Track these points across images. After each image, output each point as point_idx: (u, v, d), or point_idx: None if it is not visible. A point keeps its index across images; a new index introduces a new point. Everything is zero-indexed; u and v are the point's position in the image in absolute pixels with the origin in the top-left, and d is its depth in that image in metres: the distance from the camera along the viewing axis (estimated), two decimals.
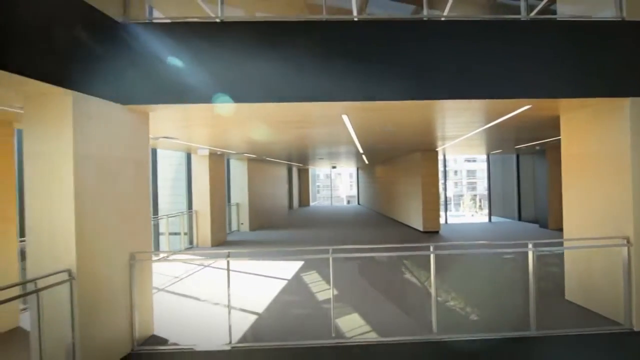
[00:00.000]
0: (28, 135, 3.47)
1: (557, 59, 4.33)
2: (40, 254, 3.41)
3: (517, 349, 4.22)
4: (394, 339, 4.19)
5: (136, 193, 4.33)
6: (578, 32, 4.40)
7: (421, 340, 4.18)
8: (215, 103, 4.14)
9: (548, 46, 4.35)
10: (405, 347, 4.14)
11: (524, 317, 4.31)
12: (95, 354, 3.61)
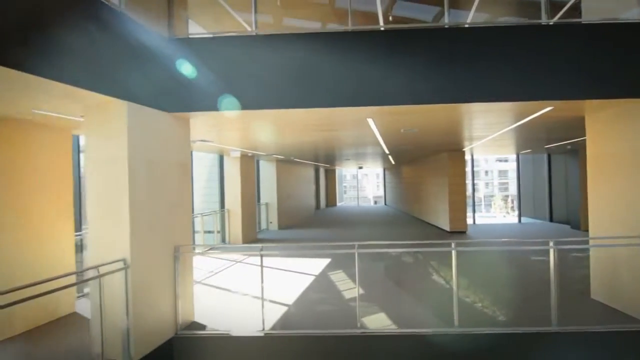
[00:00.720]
0: (89, 141, 3.96)
1: (581, 60, 4.41)
2: (99, 246, 3.89)
3: (538, 344, 4.35)
4: (417, 330, 4.41)
5: (179, 192, 4.77)
6: (603, 34, 4.46)
7: (442, 332, 4.38)
8: (248, 110, 4.53)
9: (573, 48, 4.44)
10: (427, 339, 4.35)
11: (547, 314, 4.41)
12: (145, 336, 4.05)
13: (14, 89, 3.27)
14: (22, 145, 4.76)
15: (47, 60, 2.93)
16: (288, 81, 4.54)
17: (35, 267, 4.66)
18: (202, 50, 4.66)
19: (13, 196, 4.64)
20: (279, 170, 14.62)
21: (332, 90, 4.53)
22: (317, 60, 4.55)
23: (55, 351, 4.25)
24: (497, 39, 4.52)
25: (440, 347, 4.34)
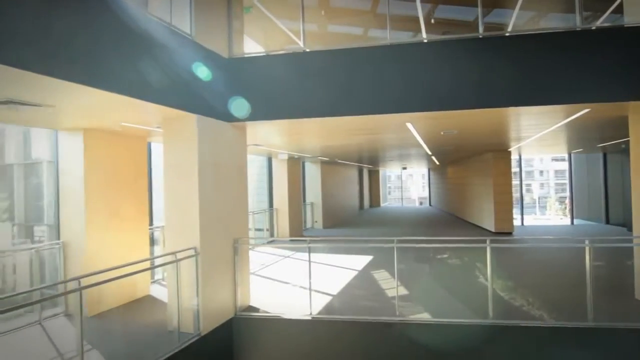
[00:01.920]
0: (166, 148, 4.72)
1: (623, 62, 4.50)
2: (175, 236, 4.64)
3: (573, 339, 4.51)
4: (453, 320, 4.74)
5: (238, 191, 5.46)
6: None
7: (477, 323, 4.67)
8: (296, 118, 5.10)
9: (614, 51, 4.54)
10: (463, 329, 4.67)
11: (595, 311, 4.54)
12: (211, 315, 4.74)
13: (118, 109, 4.08)
14: (108, 152, 5.67)
15: (143, 85, 3.67)
16: (332, 91, 5.05)
17: (120, 255, 5.54)
18: (256, 66, 5.31)
19: (103, 196, 5.55)
20: (324, 171, 15.21)
21: (373, 99, 4.97)
22: (358, 71, 5.02)
23: (139, 324, 5.06)
24: (539, 44, 4.68)
25: (474, 338, 4.64)
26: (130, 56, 3.64)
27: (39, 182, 6.18)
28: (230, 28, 5.23)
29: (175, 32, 4.33)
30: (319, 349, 4.93)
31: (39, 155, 6.31)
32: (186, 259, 4.49)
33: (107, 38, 3.35)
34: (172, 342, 4.25)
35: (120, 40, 3.50)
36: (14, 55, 2.57)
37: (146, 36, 3.85)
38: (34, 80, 2.88)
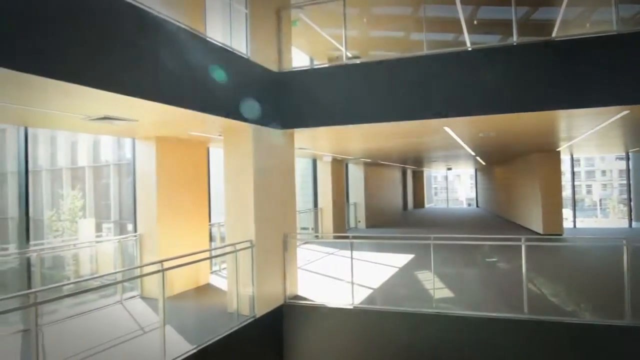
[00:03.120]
0: (226, 154, 5.42)
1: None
2: (234, 230, 5.32)
3: (609, 337, 4.62)
4: (488, 314, 5.00)
5: (287, 191, 6.06)
6: None
7: (512, 317, 4.90)
8: (339, 125, 5.60)
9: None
10: (498, 323, 4.92)
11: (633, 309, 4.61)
12: (264, 301, 5.37)
13: (189, 121, 4.82)
14: (175, 157, 6.50)
15: (210, 101, 4.37)
16: (372, 99, 5.49)
17: (186, 247, 6.34)
18: (302, 78, 5.89)
19: (171, 195, 6.39)
20: (367, 172, 15.59)
21: (410, 105, 5.34)
22: (396, 80, 5.42)
23: (203, 306, 5.81)
24: (581, 47, 4.79)
25: (509, 332, 4.88)
26: (201, 78, 4.34)
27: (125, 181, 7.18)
28: (279, 46, 5.85)
29: (233, 54, 5.00)
30: (359, 335, 5.40)
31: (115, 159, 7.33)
32: (243, 250, 5.15)
33: (183, 64, 4.06)
34: (232, 322, 4.92)
35: (192, 65, 4.21)
36: (111, 81, 3.30)
37: (212, 60, 4.54)
38: (127, 101, 3.63)
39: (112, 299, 6.04)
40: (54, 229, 10.98)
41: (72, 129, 6.12)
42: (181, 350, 4.07)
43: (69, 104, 3.77)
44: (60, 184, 12.20)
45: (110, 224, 11.70)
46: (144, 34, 3.70)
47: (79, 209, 11.83)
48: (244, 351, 4.95)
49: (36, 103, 3.71)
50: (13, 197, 10.33)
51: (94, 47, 3.17)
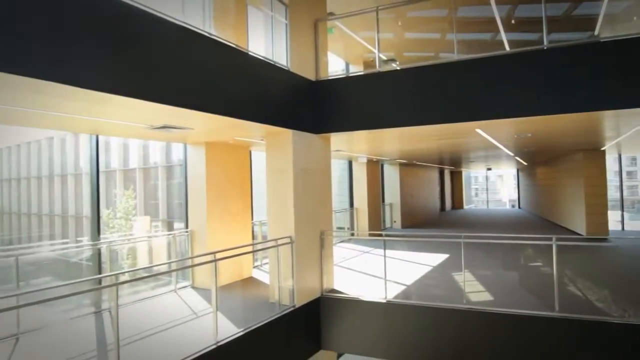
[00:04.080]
0: (268, 157, 5.93)
1: None
2: (275, 226, 5.81)
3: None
4: (518, 311, 5.14)
5: (324, 191, 6.48)
6: None
7: (542, 315, 5.02)
8: (373, 129, 5.94)
9: None
10: (529, 320, 5.05)
11: None
12: (303, 292, 5.81)
13: (237, 128, 5.37)
14: (222, 160, 7.11)
15: (256, 110, 4.88)
16: (403, 104, 5.79)
17: (232, 242, 6.93)
18: (338, 85, 6.29)
19: (218, 195, 7.00)
20: (402, 173, 15.72)
21: (442, 109, 5.57)
22: (427, 86, 5.68)
23: (248, 296, 6.36)
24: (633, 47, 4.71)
25: (540, 329, 5.00)
26: (248, 90, 4.86)
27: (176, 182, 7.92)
28: (316, 56, 6.28)
29: (275, 66, 5.49)
30: (391, 328, 5.71)
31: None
32: (284, 245, 5.62)
33: (234, 80, 4.59)
34: (274, 310, 5.40)
35: (241, 79, 4.73)
36: (174, 98, 3.86)
37: (257, 73, 5.06)
38: (187, 113, 4.19)
39: (167, 288, 6.73)
40: (110, 226, 12.08)
41: (135, 136, 6.89)
42: (230, 332, 4.59)
43: (137, 116, 4.40)
44: (114, 185, 13.37)
45: (158, 222, 12.66)
46: (206, 56, 4.26)
47: (132, 208, 12.90)
48: (285, 336, 5.42)
49: (109, 116, 4.36)
50: (76, 196, 11.46)
51: (170, 72, 3.75)
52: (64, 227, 13.61)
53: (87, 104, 3.65)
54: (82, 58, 3.10)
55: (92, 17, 3.21)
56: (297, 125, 5.82)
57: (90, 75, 3.15)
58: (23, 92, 3.17)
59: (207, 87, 4.29)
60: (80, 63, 3.09)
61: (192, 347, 4.14)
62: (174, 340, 4.49)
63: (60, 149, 14.10)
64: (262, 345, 4.93)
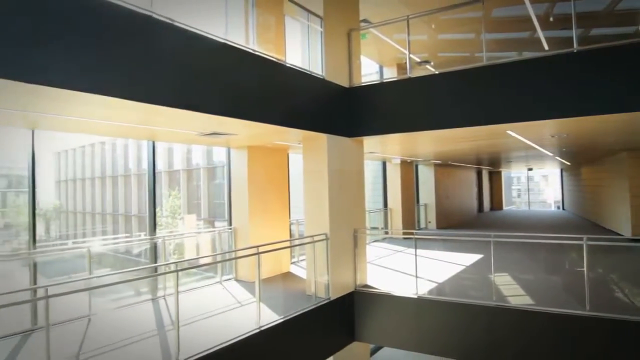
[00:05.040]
0: (305, 159, 6.38)
1: None
2: (312, 224, 6.25)
3: None
4: (548, 309, 5.25)
5: (357, 191, 6.85)
6: None
7: (572, 314, 5.11)
8: (404, 132, 6.24)
9: None
10: (559, 318, 5.14)
11: None
12: (337, 286, 6.21)
13: (277, 134, 5.87)
14: (262, 162, 7.65)
15: (295, 117, 5.34)
16: (433, 108, 6.04)
17: (271, 239, 7.45)
18: (370, 91, 6.63)
19: (259, 195, 7.54)
20: (438, 173, 15.72)
21: (472, 111, 5.75)
22: (457, 90, 5.90)
23: (286, 289, 6.84)
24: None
25: (569, 327, 5.09)
26: (287, 99, 5.33)
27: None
28: (350, 64, 6.66)
29: (312, 76, 5.93)
30: (421, 322, 5.97)
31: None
32: (320, 242, 6.05)
33: (277, 90, 5.08)
34: (310, 301, 5.84)
35: (281, 88, 5.21)
36: (224, 109, 4.38)
37: (295, 83, 5.52)
38: (233, 122, 4.71)
39: (213, 280, 7.36)
40: (159, 224, 13.03)
41: (186, 142, 7.58)
42: (271, 319, 5.07)
43: (191, 125, 4.99)
44: (160, 186, 14.37)
45: (200, 221, 13.50)
46: (251, 70, 4.78)
47: (177, 207, 13.85)
48: (320, 326, 5.84)
49: (167, 125, 4.97)
50: (125, 196, 12.40)
51: (221, 88, 4.30)
52: (115, 224, 14.77)
53: (151, 115, 4.25)
54: (158, 82, 3.73)
55: (166, 51, 3.81)
56: (332, 129, 6.22)
57: (163, 93, 3.75)
58: (102, 108, 3.80)
59: (252, 98, 4.80)
60: (157, 86, 3.73)
61: (239, 329, 4.65)
62: (223, 324, 5.03)
63: (111, 153, 15.33)
64: (299, 332, 5.37)
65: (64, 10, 3.11)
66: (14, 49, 2.82)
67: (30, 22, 2.90)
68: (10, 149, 9.97)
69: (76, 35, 3.17)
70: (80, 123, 4.62)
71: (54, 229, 15.86)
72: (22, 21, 2.85)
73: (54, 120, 4.55)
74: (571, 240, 5.36)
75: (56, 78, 3.04)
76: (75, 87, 3.14)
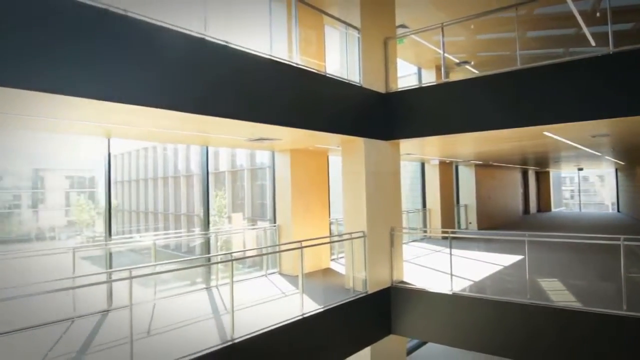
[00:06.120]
0: (344, 162, 6.83)
1: None
2: (350, 222, 6.68)
3: None
4: (582, 307, 5.33)
5: (393, 192, 7.19)
6: None
7: (607, 313, 5.15)
8: (437, 135, 6.51)
9: None
10: (593, 317, 5.21)
11: None
12: (374, 281, 6.58)
13: (318, 138, 6.37)
14: (304, 164, 8.17)
15: (335, 122, 5.81)
16: (468, 110, 6.25)
17: (312, 236, 7.95)
18: (406, 96, 6.94)
19: (301, 195, 8.08)
20: (479, 174, 15.55)
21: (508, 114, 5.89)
22: (492, 93, 6.08)
23: (326, 283, 7.31)
24: None
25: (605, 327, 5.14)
26: (327, 107, 5.81)
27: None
28: (386, 71, 7.03)
29: (349, 84, 6.37)
30: (456, 318, 6.20)
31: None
32: (357, 239, 6.46)
33: (317, 98, 5.57)
34: (349, 294, 6.26)
35: (321, 97, 5.70)
36: (269, 118, 4.92)
37: (335, 91, 5.98)
38: (278, 128, 5.25)
39: (259, 273, 7.98)
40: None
41: (234, 146, 8.28)
42: (312, 308, 5.55)
43: (241, 132, 5.59)
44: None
45: (244, 220, 14.30)
46: (294, 82, 5.32)
47: (223, 206, 14.77)
48: (358, 317, 6.24)
49: (221, 132, 5.61)
50: (174, 195, 13.33)
51: (269, 99, 4.87)
52: (165, 222, 15.96)
53: (209, 125, 4.89)
54: (225, 100, 4.39)
55: (225, 73, 4.41)
56: (369, 133, 6.62)
57: (228, 109, 4.43)
58: (173, 120, 4.46)
59: (296, 107, 5.32)
60: (223, 102, 4.41)
61: (285, 315, 5.18)
62: (270, 310, 5.59)
63: (162, 156, 16.55)
64: (338, 321, 5.82)
65: (156, 44, 3.77)
66: (105, 77, 3.50)
67: (125, 53, 3.57)
68: (75, 153, 11.14)
69: (159, 63, 3.83)
70: (150, 133, 5.37)
71: (113, 226, 17.24)
72: (111, 52, 3.53)
73: (128, 131, 5.32)
74: (608, 241, 5.38)
75: (139, 97, 3.71)
76: (153, 104, 3.80)
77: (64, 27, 3.25)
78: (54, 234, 9.94)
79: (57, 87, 3.20)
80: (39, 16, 3.11)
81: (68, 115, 4.07)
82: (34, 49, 3.07)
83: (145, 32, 3.80)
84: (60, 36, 3.23)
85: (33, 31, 3.07)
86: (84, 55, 3.37)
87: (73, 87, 3.29)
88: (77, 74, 3.33)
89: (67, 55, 3.26)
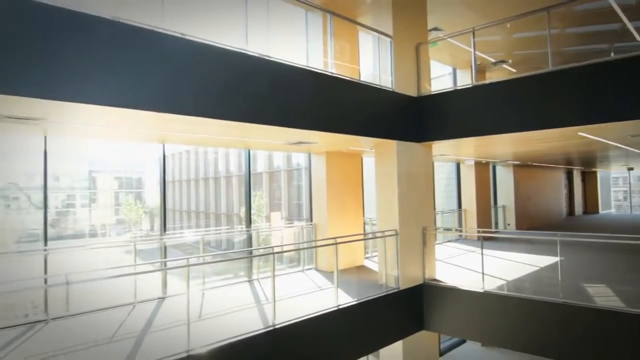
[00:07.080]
0: (377, 163, 7.16)
1: None
2: (383, 221, 7.00)
3: None
4: (615, 307, 5.33)
5: (425, 192, 7.43)
6: None
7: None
8: (468, 137, 6.68)
9: None
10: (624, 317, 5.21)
11: None
12: (406, 278, 6.86)
13: (352, 142, 6.75)
14: (339, 166, 8.57)
15: (368, 126, 6.18)
16: (498, 112, 6.38)
17: (347, 234, 8.33)
18: (437, 99, 7.16)
19: (336, 194, 8.48)
20: (517, 174, 15.25)
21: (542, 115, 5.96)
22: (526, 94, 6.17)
23: (360, 278, 7.67)
24: None
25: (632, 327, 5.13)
26: (361, 112, 6.19)
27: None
28: (418, 75, 7.28)
29: (382, 89, 6.70)
30: (487, 316, 6.35)
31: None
32: (390, 237, 6.77)
33: (353, 104, 5.97)
34: (382, 289, 6.59)
35: (356, 103, 6.08)
36: (310, 124, 5.36)
37: (368, 97, 6.34)
38: (316, 133, 5.68)
39: (296, 268, 8.46)
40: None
41: (274, 149, 8.82)
42: (347, 300, 5.93)
43: (282, 136, 6.08)
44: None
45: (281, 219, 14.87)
46: (330, 90, 5.74)
47: (262, 206, 15.46)
48: (390, 311, 6.55)
49: (264, 137, 6.11)
50: (215, 195, 14.09)
51: (306, 107, 5.32)
52: (206, 219, 16.87)
53: (253, 131, 5.41)
54: (266, 109, 4.88)
55: (265, 84, 4.90)
56: (401, 136, 6.90)
57: (275, 117, 4.92)
58: (215, 127, 5.01)
59: (331, 113, 5.73)
60: (265, 111, 4.88)
61: (321, 306, 5.60)
62: (307, 302, 6.03)
63: (203, 158, 17.50)
64: (371, 315, 6.16)
65: (211, 63, 4.32)
66: (166, 93, 4.08)
67: (183, 72, 4.14)
68: (123, 156, 12.08)
69: (212, 78, 4.38)
70: (199, 139, 5.97)
71: (158, 223, 18.44)
72: (172, 72, 4.11)
73: (180, 137, 5.96)
74: (636, 241, 5.37)
75: (193, 109, 4.26)
76: (206, 115, 4.34)
77: (128, 52, 3.85)
78: (105, 230, 10.85)
79: (130, 103, 3.81)
80: (103, 42, 3.72)
81: (135, 124, 4.71)
82: (99, 72, 3.68)
83: (203, 54, 4.37)
84: (128, 60, 3.83)
85: (97, 55, 3.68)
86: (152, 77, 3.95)
87: (138, 102, 3.88)
88: (141, 92, 3.92)
89: (138, 75, 3.86)
